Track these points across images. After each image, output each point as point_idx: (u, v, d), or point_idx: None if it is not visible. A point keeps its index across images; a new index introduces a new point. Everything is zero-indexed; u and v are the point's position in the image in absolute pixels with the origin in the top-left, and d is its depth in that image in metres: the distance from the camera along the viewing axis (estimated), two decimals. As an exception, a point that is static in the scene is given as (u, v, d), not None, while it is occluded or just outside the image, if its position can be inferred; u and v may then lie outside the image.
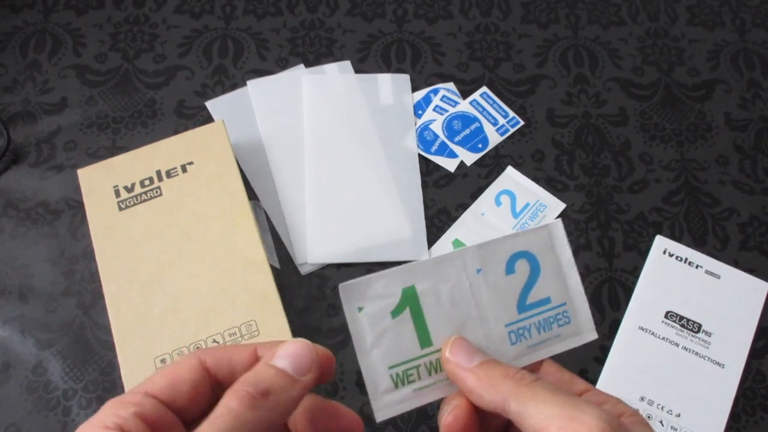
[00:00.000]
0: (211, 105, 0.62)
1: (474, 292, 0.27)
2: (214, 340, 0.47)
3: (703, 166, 0.61)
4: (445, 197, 0.59)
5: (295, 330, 0.48)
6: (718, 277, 0.54)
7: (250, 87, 0.63)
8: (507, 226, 0.57)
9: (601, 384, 0.51)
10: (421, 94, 0.64)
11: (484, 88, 0.64)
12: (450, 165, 0.60)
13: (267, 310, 0.48)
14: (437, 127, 0.62)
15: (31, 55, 0.65)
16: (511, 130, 0.62)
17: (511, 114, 0.63)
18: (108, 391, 0.50)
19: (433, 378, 0.27)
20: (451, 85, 0.64)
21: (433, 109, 0.63)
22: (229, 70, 0.64)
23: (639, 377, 0.51)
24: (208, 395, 0.25)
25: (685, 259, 0.55)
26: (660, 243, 0.56)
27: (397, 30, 0.67)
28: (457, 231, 0.57)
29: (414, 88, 0.64)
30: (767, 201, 0.59)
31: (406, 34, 0.67)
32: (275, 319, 0.48)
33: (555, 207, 0.58)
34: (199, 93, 0.63)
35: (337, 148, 0.60)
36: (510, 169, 0.60)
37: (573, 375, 0.28)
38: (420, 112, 0.63)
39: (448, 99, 0.63)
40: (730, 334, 0.52)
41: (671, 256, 0.56)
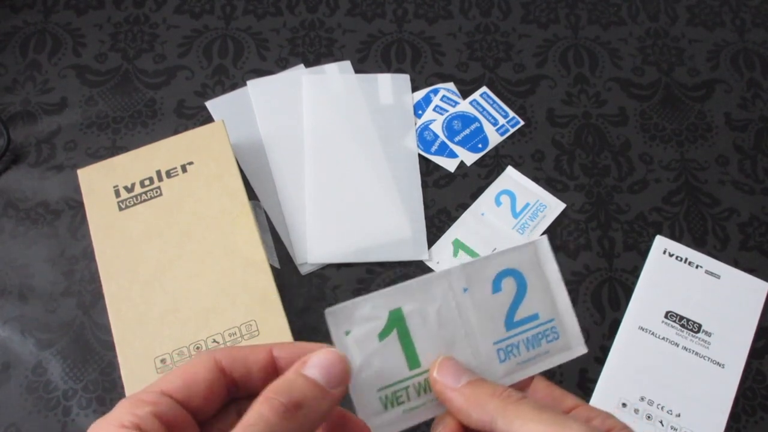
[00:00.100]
0: (211, 105, 0.62)
1: (461, 311, 0.27)
2: (214, 340, 0.47)
3: (703, 166, 0.61)
4: (445, 197, 0.59)
5: (295, 330, 0.48)
6: (718, 277, 0.54)
7: (250, 87, 0.63)
8: (507, 226, 0.57)
9: (601, 384, 0.51)
10: (421, 94, 0.64)
11: (484, 88, 0.64)
12: (450, 165, 0.60)
13: (267, 310, 0.48)
14: (437, 127, 0.62)
15: (31, 55, 0.65)
16: (511, 130, 0.62)
17: (511, 114, 0.63)
18: (108, 391, 0.50)
19: (423, 399, 0.27)
20: (451, 85, 0.64)
21: (433, 109, 0.63)
22: (229, 70, 0.64)
23: (639, 377, 0.51)
24: (223, 396, 0.25)
25: (685, 259, 0.55)
26: (660, 243, 0.56)
27: (397, 30, 0.67)
28: (457, 231, 0.57)
29: (414, 88, 0.64)
30: (767, 201, 0.59)
31: (406, 34, 0.67)
32: (275, 319, 0.48)
33: (555, 207, 0.58)
34: (199, 93, 0.63)
35: (337, 148, 0.60)
36: (510, 169, 0.60)
37: (563, 391, 0.28)
38: (420, 112, 0.63)
39: (448, 99, 0.63)
40: (730, 334, 0.52)
41: (671, 256, 0.56)
